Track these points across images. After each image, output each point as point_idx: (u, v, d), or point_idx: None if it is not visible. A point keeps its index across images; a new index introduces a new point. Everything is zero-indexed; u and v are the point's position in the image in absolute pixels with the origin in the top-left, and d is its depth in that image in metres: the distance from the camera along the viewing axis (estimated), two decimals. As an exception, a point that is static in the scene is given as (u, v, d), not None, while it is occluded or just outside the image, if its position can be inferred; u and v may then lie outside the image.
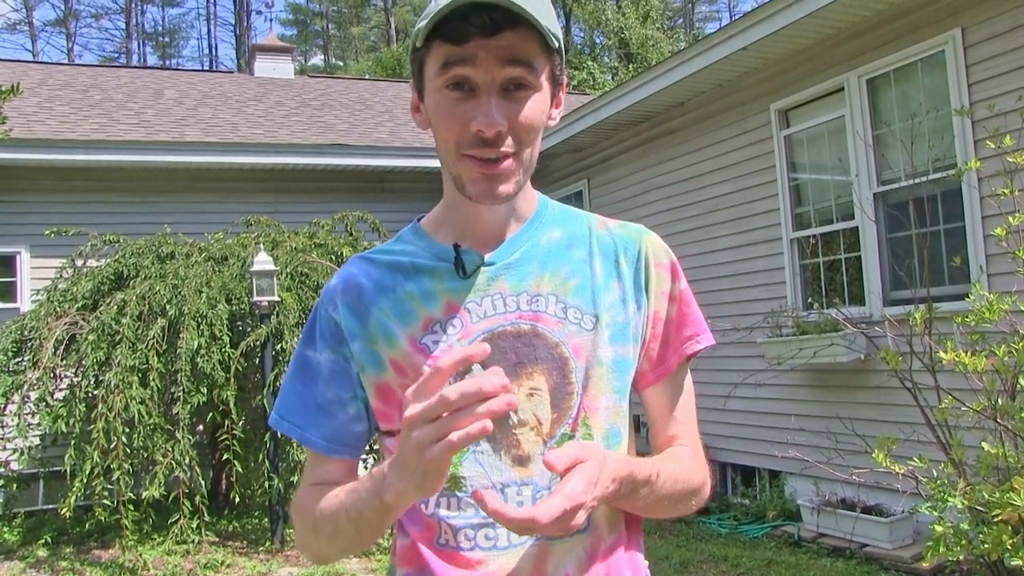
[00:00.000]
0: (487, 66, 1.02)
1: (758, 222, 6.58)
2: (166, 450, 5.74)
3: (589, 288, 1.16)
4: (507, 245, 1.17)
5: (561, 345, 1.12)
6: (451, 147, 1.08)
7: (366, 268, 1.20)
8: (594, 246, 1.20)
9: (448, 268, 1.15)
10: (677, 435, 1.23)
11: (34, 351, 6.10)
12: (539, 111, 1.08)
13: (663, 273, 1.21)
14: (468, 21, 1.00)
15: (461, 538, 1.10)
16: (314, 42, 42.97)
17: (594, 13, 25.74)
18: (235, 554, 5.98)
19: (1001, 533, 2.86)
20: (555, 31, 1.05)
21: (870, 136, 5.59)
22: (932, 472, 3.43)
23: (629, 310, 1.18)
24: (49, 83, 10.48)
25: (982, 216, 4.84)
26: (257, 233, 7.26)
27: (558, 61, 1.11)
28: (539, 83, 1.07)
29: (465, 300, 1.13)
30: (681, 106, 7.32)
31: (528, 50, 1.04)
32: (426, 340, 1.12)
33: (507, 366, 1.10)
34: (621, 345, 1.16)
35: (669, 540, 5.93)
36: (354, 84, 13.67)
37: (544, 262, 1.17)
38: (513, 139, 1.06)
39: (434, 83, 1.06)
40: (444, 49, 1.03)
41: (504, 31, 1.01)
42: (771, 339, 5.99)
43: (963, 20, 4.97)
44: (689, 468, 1.18)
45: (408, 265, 1.17)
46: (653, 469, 1.09)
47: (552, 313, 1.14)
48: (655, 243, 1.24)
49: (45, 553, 6.02)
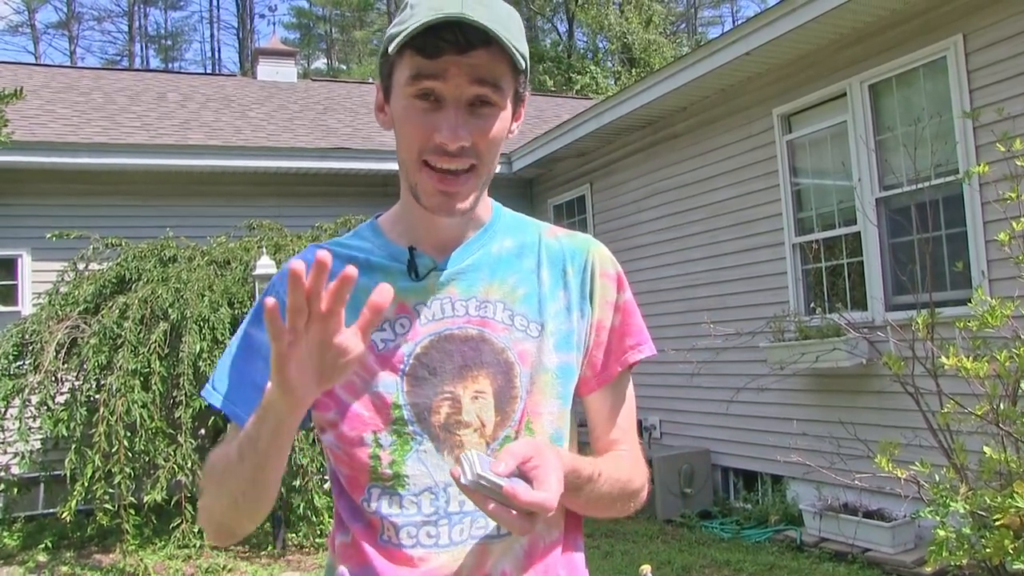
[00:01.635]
0: (457, 81, 1.06)
1: (761, 227, 6.58)
2: (168, 454, 5.74)
3: (536, 297, 1.20)
4: (460, 252, 1.20)
5: (507, 351, 1.16)
6: (413, 154, 1.10)
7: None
8: (543, 255, 1.24)
9: (401, 269, 1.18)
10: (617, 440, 1.25)
11: (35, 355, 6.09)
12: (502, 128, 1.12)
13: (608, 283, 1.24)
14: (441, 37, 1.03)
15: (403, 536, 1.12)
16: (317, 46, 43.05)
17: (597, 18, 25.78)
18: (237, 558, 5.98)
19: (1003, 537, 2.85)
20: (523, 52, 1.09)
21: (872, 141, 5.59)
22: (934, 477, 3.43)
23: (574, 318, 1.21)
24: (51, 86, 10.50)
25: (984, 221, 4.85)
26: (260, 237, 7.26)
27: (523, 80, 1.15)
28: (504, 102, 1.11)
29: (415, 302, 1.16)
30: (684, 111, 7.32)
31: (497, 70, 1.07)
32: (375, 337, 1.14)
33: (453, 368, 1.14)
34: (565, 352, 1.19)
35: (671, 545, 5.92)
36: (357, 88, 13.69)
37: (494, 270, 1.20)
38: (475, 153, 1.09)
39: (403, 90, 1.09)
40: (416, 61, 1.06)
41: (476, 49, 1.04)
42: (774, 344, 5.99)
43: (964, 26, 4.97)
44: (629, 471, 1.21)
45: (363, 261, 1.19)
46: (595, 468, 1.12)
47: (499, 320, 1.17)
48: (602, 254, 1.27)
49: (45, 558, 6.02)
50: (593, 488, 1.12)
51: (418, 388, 1.13)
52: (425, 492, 1.11)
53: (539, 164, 9.15)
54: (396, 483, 1.12)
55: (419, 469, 1.11)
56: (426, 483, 1.11)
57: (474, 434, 1.13)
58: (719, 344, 6.32)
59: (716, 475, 7.10)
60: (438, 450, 1.12)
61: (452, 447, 1.12)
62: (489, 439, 1.13)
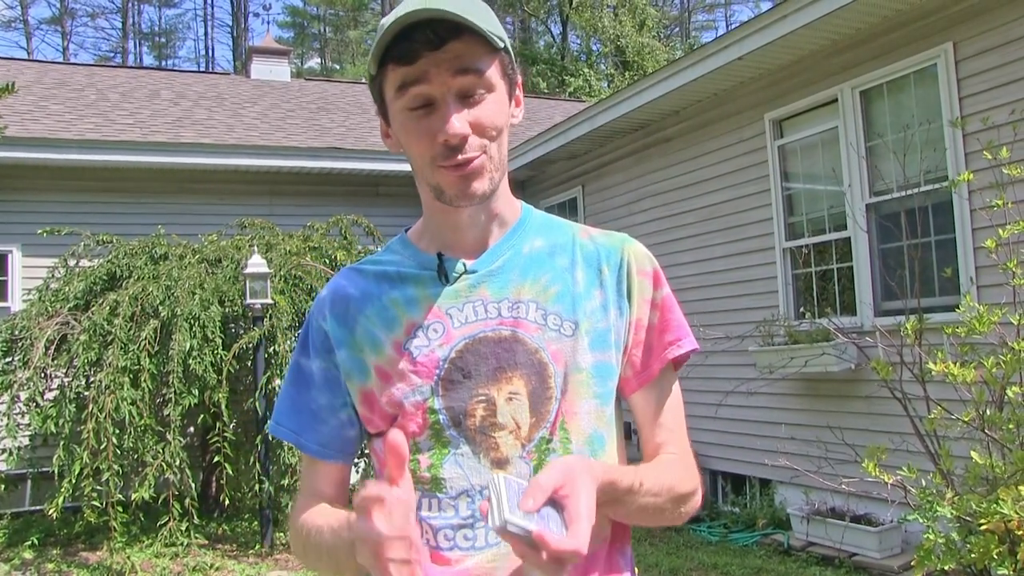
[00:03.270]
0: (440, 79, 1.07)
1: (751, 231, 6.61)
2: (156, 452, 5.72)
3: (569, 295, 1.19)
4: (489, 253, 1.20)
5: (540, 351, 1.15)
6: (425, 162, 1.12)
7: (354, 278, 1.24)
8: (577, 255, 1.23)
9: (432, 276, 1.19)
10: (665, 442, 1.24)
11: (24, 351, 6.07)
12: (498, 110, 1.12)
13: (645, 281, 1.23)
14: (413, 39, 1.05)
15: (441, 538, 1.12)
16: (311, 45, 42.98)
17: (591, 21, 25.81)
18: (224, 557, 5.96)
19: (988, 543, 2.87)
20: (498, 33, 1.09)
21: (863, 147, 5.62)
22: (921, 482, 3.45)
23: (611, 316, 1.20)
24: (44, 81, 10.47)
25: (972, 228, 4.88)
26: (251, 235, 7.26)
27: (508, 60, 1.14)
28: (492, 84, 1.11)
29: (448, 306, 1.17)
30: (676, 115, 7.35)
31: (475, 56, 1.08)
32: (409, 345, 1.16)
33: (487, 371, 1.14)
34: (602, 351, 1.18)
35: (659, 548, 5.94)
36: (350, 88, 13.68)
37: (525, 270, 1.20)
38: (478, 140, 1.10)
39: (395, 106, 1.11)
40: (398, 72, 1.08)
41: (449, 42, 1.06)
42: (763, 348, 6.01)
43: (955, 35, 5.01)
44: (676, 476, 1.19)
45: (394, 274, 1.21)
46: (636, 477, 1.10)
47: (532, 320, 1.17)
48: (638, 251, 1.26)
49: (31, 555, 5.99)
50: (635, 499, 1.10)
51: (453, 392, 1.14)
52: (462, 495, 1.12)
53: (531, 166, 9.16)
54: (434, 486, 1.13)
55: (456, 472, 1.12)
56: (463, 486, 1.12)
57: (509, 436, 1.12)
58: (708, 348, 6.34)
59: (704, 478, 7.11)
60: (475, 453, 1.12)
61: (488, 450, 1.12)
62: (524, 440, 1.13)
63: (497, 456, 1.12)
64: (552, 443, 1.13)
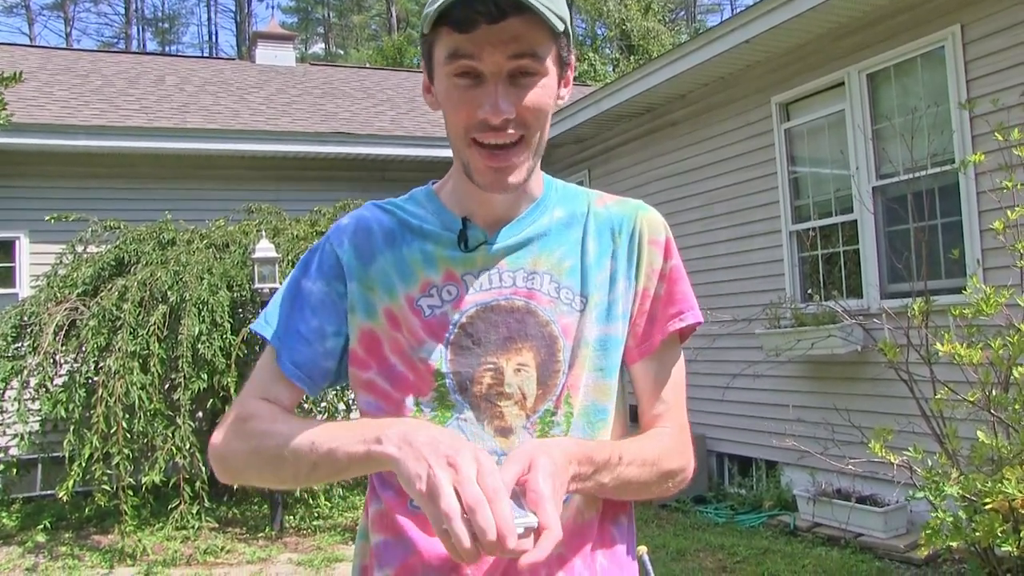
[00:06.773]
0: (493, 58, 1.04)
1: (758, 214, 6.61)
2: (166, 436, 5.76)
3: (580, 269, 1.19)
4: (511, 227, 1.20)
5: (551, 324, 1.15)
6: (460, 131, 1.10)
7: (379, 216, 1.23)
8: (590, 224, 1.22)
9: (451, 238, 1.18)
10: (661, 415, 1.22)
11: (34, 336, 6.11)
12: (546, 96, 1.09)
13: (655, 251, 1.23)
14: (474, 8, 1.01)
15: None
16: (315, 30, 42.88)
17: (596, 4, 25.70)
18: (234, 540, 6.02)
19: (993, 521, 2.90)
20: (561, 14, 1.06)
21: (870, 130, 5.62)
22: (927, 462, 3.47)
23: (619, 288, 1.20)
24: (48, 68, 10.46)
25: (979, 211, 4.88)
26: (259, 220, 7.27)
27: (565, 43, 1.11)
28: (545, 68, 1.08)
29: (464, 271, 1.17)
30: (683, 98, 7.33)
31: (533, 38, 1.05)
32: (422, 302, 1.16)
33: (497, 339, 1.14)
34: (607, 324, 1.18)
35: (666, 529, 5.98)
36: (356, 73, 13.66)
37: (544, 242, 1.20)
38: (521, 124, 1.08)
39: (443, 70, 1.08)
40: (451, 38, 1.05)
41: (509, 16, 1.02)
42: (769, 331, 6.03)
43: (962, 16, 4.99)
44: (662, 450, 1.17)
45: (416, 227, 1.20)
46: (614, 451, 1.09)
47: (546, 292, 1.17)
48: (651, 219, 1.25)
49: (44, 538, 6.05)
50: (615, 472, 1.08)
51: (461, 357, 1.13)
52: None
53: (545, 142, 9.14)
54: None
55: None
56: None
57: (515, 406, 1.12)
58: (715, 331, 6.36)
59: (711, 461, 7.15)
60: (479, 420, 1.12)
61: (492, 418, 1.12)
62: (529, 411, 1.13)
63: (501, 425, 1.12)
64: (556, 416, 1.13)
